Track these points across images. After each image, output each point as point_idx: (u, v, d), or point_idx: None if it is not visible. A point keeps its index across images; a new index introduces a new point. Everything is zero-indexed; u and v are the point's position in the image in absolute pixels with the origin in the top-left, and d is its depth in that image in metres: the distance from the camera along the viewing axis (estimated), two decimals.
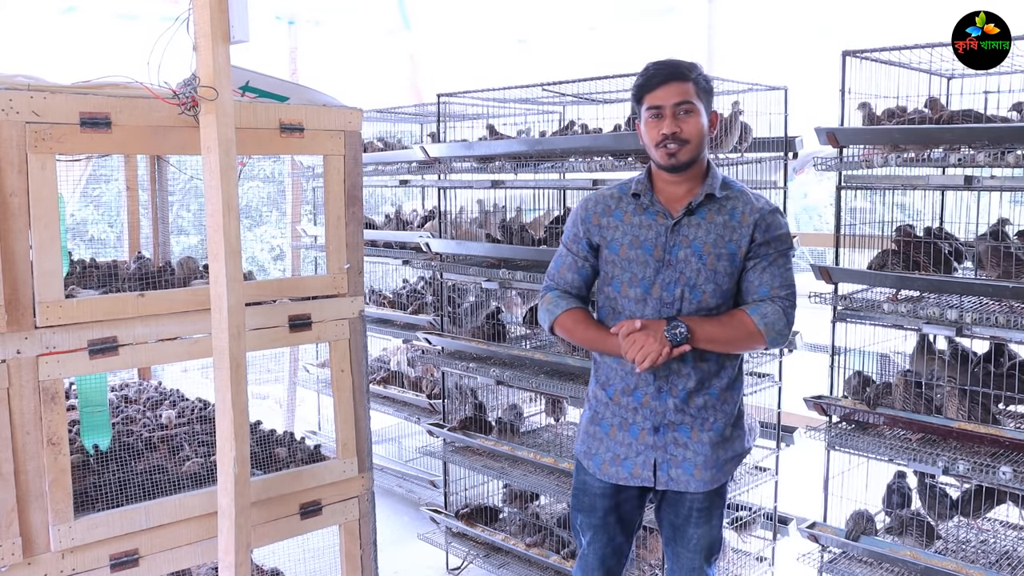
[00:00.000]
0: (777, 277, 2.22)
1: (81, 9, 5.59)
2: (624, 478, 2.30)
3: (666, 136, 2.15)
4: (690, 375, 2.22)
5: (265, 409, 6.04)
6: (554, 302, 2.35)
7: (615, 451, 2.31)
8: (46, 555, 2.29)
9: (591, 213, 2.33)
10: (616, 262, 2.27)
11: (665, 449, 2.26)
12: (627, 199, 2.29)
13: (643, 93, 2.20)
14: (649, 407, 2.25)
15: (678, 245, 2.20)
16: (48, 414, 2.25)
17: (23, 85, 2.21)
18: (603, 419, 2.34)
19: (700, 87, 2.19)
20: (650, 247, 2.22)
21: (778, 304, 2.20)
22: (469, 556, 3.91)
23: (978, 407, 2.74)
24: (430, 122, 5.33)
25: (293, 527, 2.76)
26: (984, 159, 2.60)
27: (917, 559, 2.79)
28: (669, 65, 2.18)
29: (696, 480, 2.25)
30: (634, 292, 2.24)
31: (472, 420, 3.97)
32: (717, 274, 2.20)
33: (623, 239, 2.26)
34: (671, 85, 2.16)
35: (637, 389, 2.27)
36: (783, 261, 2.24)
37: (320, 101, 2.76)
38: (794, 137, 3.55)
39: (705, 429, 2.26)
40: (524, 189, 4.25)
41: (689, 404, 2.24)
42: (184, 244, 5.09)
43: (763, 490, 3.65)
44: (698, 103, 2.18)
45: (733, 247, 2.20)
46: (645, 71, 2.21)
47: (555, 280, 2.39)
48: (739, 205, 2.23)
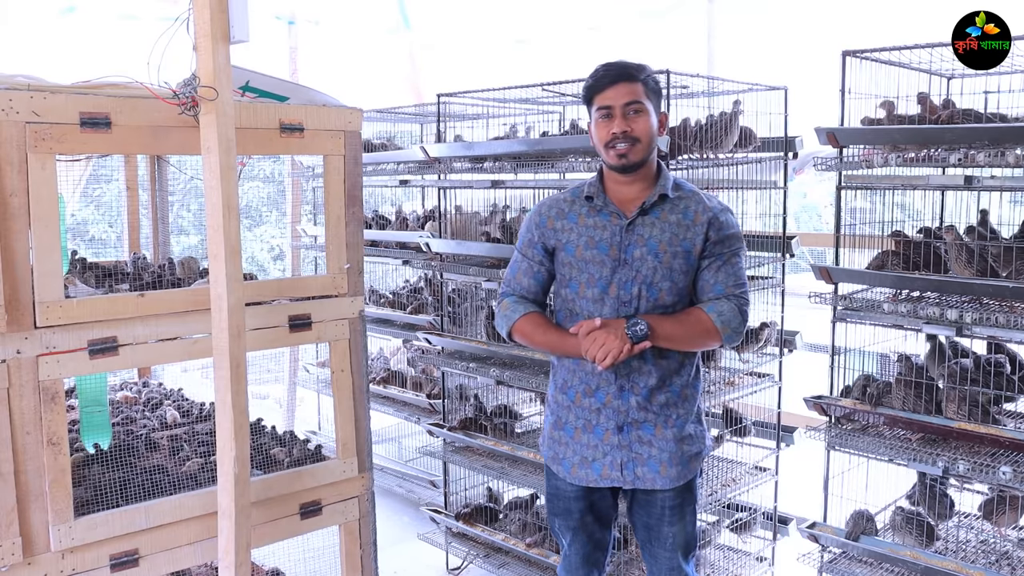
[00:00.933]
0: (731, 276, 2.26)
1: (81, 9, 5.59)
2: (594, 480, 2.32)
3: (616, 135, 2.19)
4: (651, 372, 2.25)
5: (265, 409, 6.04)
6: (511, 307, 2.36)
7: (582, 453, 2.32)
8: (46, 555, 2.29)
9: (545, 217, 2.35)
10: (573, 263, 2.29)
11: (630, 448, 2.28)
12: (580, 202, 2.32)
13: (593, 94, 2.24)
14: (612, 407, 2.27)
15: (633, 244, 2.24)
16: (48, 414, 2.24)
17: (23, 85, 2.20)
18: (566, 423, 2.35)
19: (649, 88, 2.23)
20: (605, 247, 2.25)
21: (733, 302, 2.24)
22: (469, 556, 3.91)
23: (978, 408, 2.74)
24: (430, 122, 5.33)
25: (293, 527, 2.76)
26: (984, 159, 2.61)
27: (917, 559, 2.79)
28: (618, 66, 2.22)
29: (662, 477, 2.27)
30: (592, 292, 2.26)
31: (472, 420, 3.97)
32: (673, 272, 2.23)
33: (578, 240, 2.28)
34: (620, 85, 2.20)
35: (599, 389, 2.28)
36: (736, 260, 2.28)
37: (320, 101, 2.76)
38: (794, 137, 3.55)
39: (669, 426, 2.28)
40: (524, 189, 4.25)
41: (651, 402, 2.26)
42: (184, 244, 5.09)
43: (763, 490, 3.65)
44: (647, 103, 2.22)
45: (688, 245, 2.24)
46: (595, 73, 2.25)
47: (511, 286, 2.41)
48: (692, 205, 2.27)
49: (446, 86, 4.12)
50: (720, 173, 3.36)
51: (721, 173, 3.37)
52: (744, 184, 3.49)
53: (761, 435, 3.73)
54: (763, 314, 3.65)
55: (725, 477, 3.50)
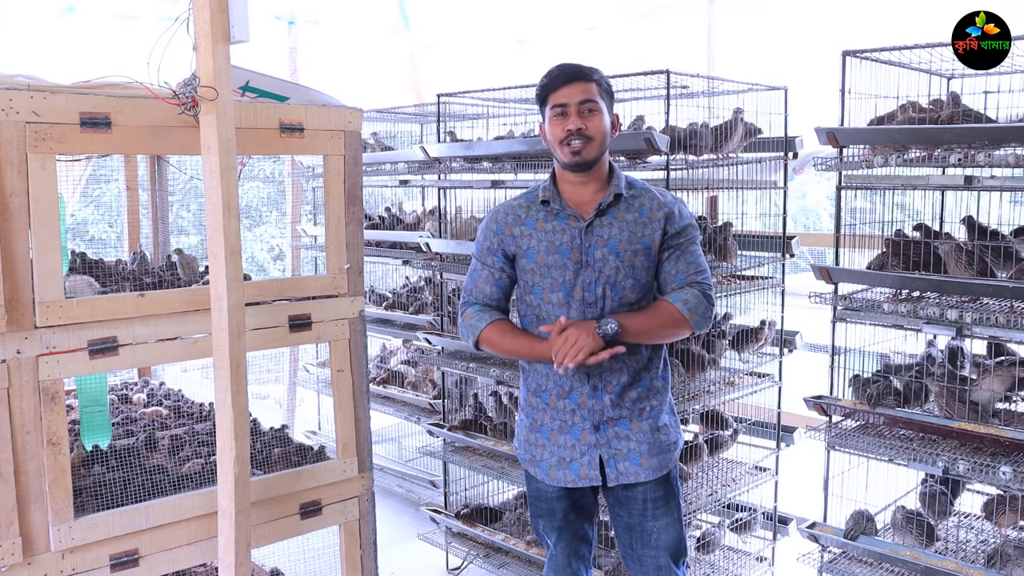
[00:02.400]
0: (691, 264, 2.29)
1: (81, 9, 5.58)
2: (572, 480, 2.32)
3: (571, 132, 2.20)
4: (623, 370, 2.27)
5: (265, 409, 6.04)
6: (476, 316, 2.34)
7: (559, 455, 2.33)
8: (46, 555, 2.29)
9: (502, 224, 2.35)
10: (535, 270, 2.30)
11: (609, 445, 2.29)
12: (536, 206, 2.33)
13: (547, 92, 2.26)
14: (586, 407, 2.28)
15: (593, 246, 2.25)
16: (48, 414, 2.25)
17: (23, 85, 2.21)
18: (542, 425, 2.36)
19: (602, 88, 2.26)
20: (567, 251, 2.26)
21: (696, 288, 2.26)
22: (469, 556, 3.91)
23: (965, 407, 2.75)
24: (430, 122, 5.33)
25: (293, 527, 2.76)
26: (984, 159, 2.61)
27: (917, 559, 2.79)
28: (572, 67, 2.25)
29: (645, 469, 2.28)
30: (556, 296, 2.27)
31: (472, 420, 3.97)
32: (635, 269, 2.25)
33: (539, 246, 2.29)
34: (575, 84, 2.22)
35: (572, 391, 2.29)
36: (693, 248, 2.31)
37: (320, 101, 2.76)
38: (794, 137, 3.55)
39: (644, 418, 2.30)
40: (524, 189, 4.25)
41: (623, 398, 2.28)
42: (184, 244, 5.08)
43: (763, 490, 3.65)
44: (601, 103, 2.24)
45: (647, 241, 2.26)
46: (549, 73, 2.27)
47: (473, 295, 2.40)
48: (646, 202, 2.30)
49: (446, 86, 4.12)
50: (720, 173, 3.37)
51: (721, 173, 3.37)
52: (744, 184, 3.49)
53: (761, 435, 3.73)
54: (763, 314, 3.66)
55: (725, 477, 3.50)
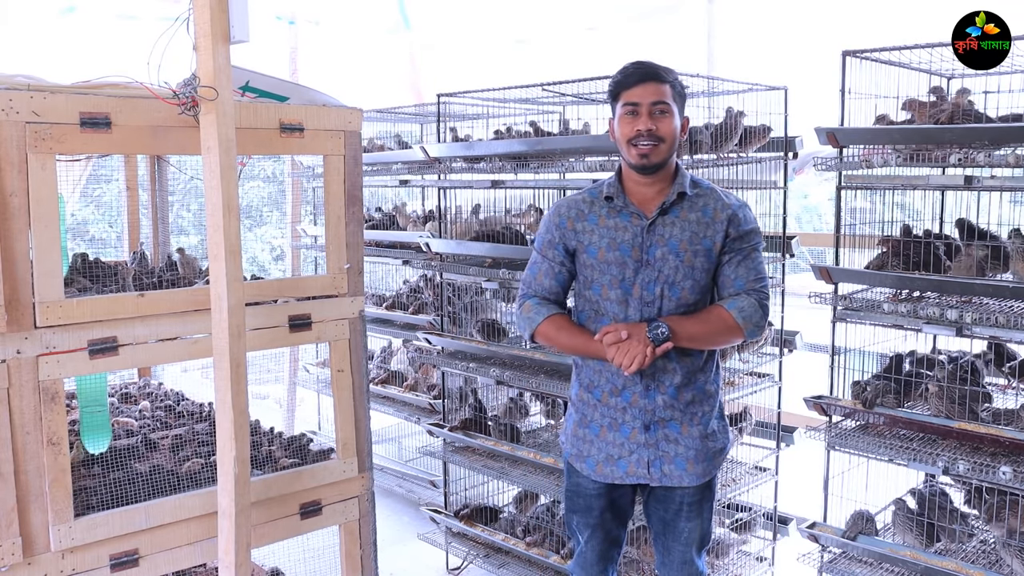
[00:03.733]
0: (752, 271, 2.28)
1: (81, 9, 5.58)
2: (619, 477, 2.34)
3: (640, 132, 2.20)
4: (676, 371, 2.27)
5: (265, 409, 6.03)
6: (534, 310, 2.36)
7: (608, 451, 2.34)
8: (46, 555, 2.29)
9: (565, 218, 2.35)
10: (595, 265, 2.30)
11: (657, 446, 2.29)
12: (600, 202, 2.33)
13: (621, 90, 2.25)
14: (638, 406, 2.29)
15: (655, 244, 2.25)
16: (48, 414, 2.25)
17: (23, 85, 2.21)
18: (592, 421, 2.36)
19: (676, 91, 2.25)
20: (627, 248, 2.26)
21: (753, 296, 2.26)
22: (469, 556, 3.91)
23: (964, 407, 2.75)
24: (430, 122, 5.33)
25: (293, 527, 2.76)
26: (984, 159, 2.60)
27: (917, 559, 2.79)
28: (648, 65, 2.24)
29: (689, 474, 2.30)
30: (615, 293, 2.28)
31: (472, 420, 3.97)
32: (695, 270, 2.25)
33: (600, 242, 2.29)
34: (649, 84, 2.21)
35: (625, 389, 2.30)
36: (755, 255, 2.31)
37: (320, 101, 2.76)
38: (794, 137, 3.55)
39: (695, 423, 2.30)
40: (524, 189, 4.25)
41: (679, 399, 2.28)
42: (184, 244, 5.08)
43: (763, 490, 3.65)
44: (673, 105, 2.23)
45: (708, 243, 2.25)
46: (624, 69, 2.26)
47: (532, 287, 2.41)
48: (710, 202, 2.29)
49: (446, 86, 4.12)
50: (720, 173, 3.36)
51: (721, 173, 3.37)
52: (744, 184, 3.49)
53: (761, 435, 3.73)
54: None
55: (725, 477, 3.50)
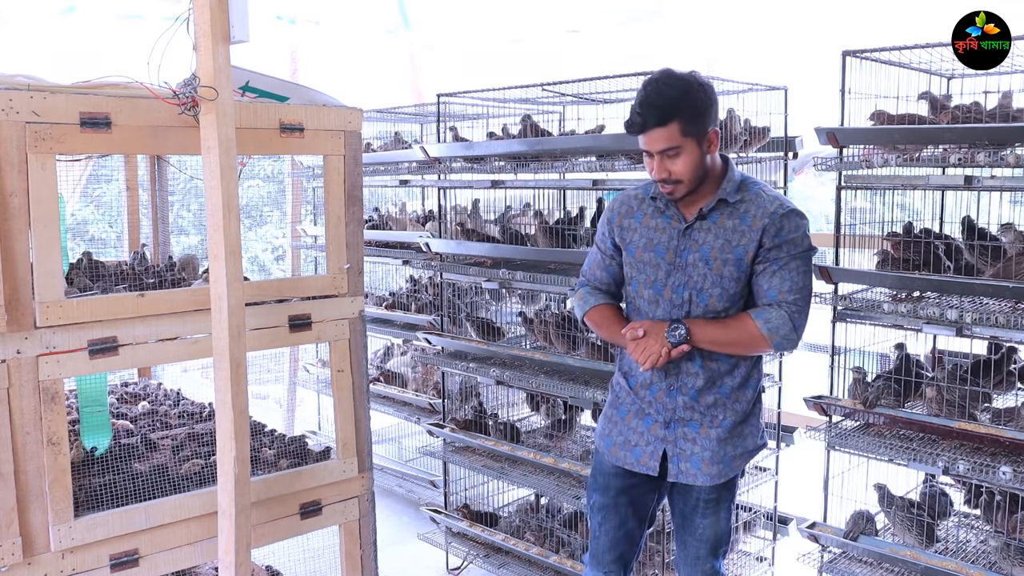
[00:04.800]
0: (787, 281, 2.20)
1: (81, 9, 5.59)
2: (631, 463, 2.38)
3: (657, 178, 2.22)
4: (698, 374, 2.28)
5: (265, 409, 6.03)
6: (584, 298, 2.48)
7: (626, 436, 2.39)
8: (46, 555, 2.29)
9: (616, 214, 2.41)
10: (633, 264, 2.35)
11: (675, 443, 2.33)
12: (648, 201, 2.36)
13: (630, 133, 2.20)
14: (661, 403, 2.33)
15: (688, 249, 2.26)
16: (48, 414, 2.25)
17: (23, 85, 2.20)
18: (622, 404, 2.43)
19: (687, 122, 2.12)
20: (662, 251, 2.29)
21: (784, 309, 2.20)
22: (469, 556, 3.91)
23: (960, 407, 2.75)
24: (430, 122, 5.33)
25: (293, 527, 2.76)
26: (984, 159, 2.60)
27: (917, 559, 2.79)
28: (651, 109, 2.12)
29: (704, 474, 2.32)
30: (648, 293, 2.32)
31: (472, 420, 3.97)
32: (723, 279, 2.23)
33: (639, 242, 2.33)
34: (653, 132, 2.14)
35: (652, 384, 2.35)
36: (796, 264, 2.21)
37: (320, 101, 2.76)
38: (794, 137, 3.55)
39: (714, 426, 2.31)
40: (524, 189, 4.25)
41: (699, 402, 2.30)
42: (184, 244, 5.08)
43: (763, 490, 3.65)
44: (686, 140, 2.13)
45: (740, 252, 2.21)
46: (631, 113, 2.16)
47: (587, 276, 2.52)
48: (752, 208, 2.23)
49: (446, 86, 4.12)
50: None
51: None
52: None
53: None
54: None
55: None
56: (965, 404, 2.76)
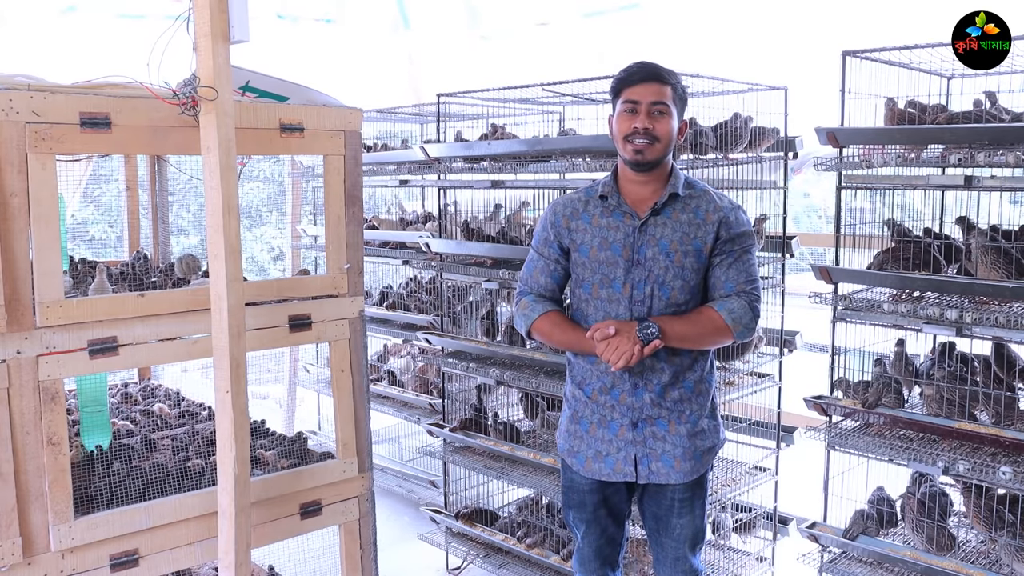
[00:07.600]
0: (742, 273, 2.30)
1: (81, 9, 5.58)
2: (606, 474, 2.36)
3: (637, 130, 2.23)
4: (664, 370, 2.29)
5: (265, 409, 6.03)
6: (530, 307, 2.40)
7: (596, 448, 2.37)
8: (46, 555, 2.29)
9: (560, 216, 2.39)
10: (587, 264, 2.33)
11: (644, 443, 2.32)
12: (594, 202, 2.36)
13: (623, 87, 2.28)
14: (626, 403, 2.32)
15: (646, 244, 2.27)
16: (48, 414, 2.24)
17: (23, 85, 2.20)
18: (582, 417, 2.40)
19: (677, 94, 2.28)
20: (619, 247, 2.29)
21: (744, 299, 2.28)
22: (469, 556, 3.91)
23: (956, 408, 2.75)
24: (430, 122, 5.33)
25: (293, 527, 2.76)
26: (984, 159, 2.60)
27: (917, 559, 2.79)
28: (652, 66, 2.28)
29: (676, 472, 2.32)
30: (606, 292, 2.31)
31: (472, 420, 3.97)
32: (685, 270, 2.27)
33: (592, 241, 2.32)
34: (651, 84, 2.25)
35: (614, 387, 2.33)
36: (747, 257, 2.32)
37: (320, 101, 2.76)
38: (794, 137, 3.55)
39: (682, 421, 2.32)
40: (524, 189, 4.25)
41: (665, 398, 2.30)
42: (184, 244, 5.08)
43: (763, 490, 3.65)
44: (672, 107, 2.27)
45: (699, 244, 2.27)
46: (628, 68, 2.29)
47: (528, 284, 2.45)
48: (703, 204, 2.31)
49: (446, 86, 4.12)
50: (720, 173, 3.36)
51: (721, 173, 3.37)
52: (744, 184, 3.49)
53: (761, 435, 3.73)
54: (763, 314, 3.65)
55: (725, 477, 3.50)
56: (965, 404, 2.76)
